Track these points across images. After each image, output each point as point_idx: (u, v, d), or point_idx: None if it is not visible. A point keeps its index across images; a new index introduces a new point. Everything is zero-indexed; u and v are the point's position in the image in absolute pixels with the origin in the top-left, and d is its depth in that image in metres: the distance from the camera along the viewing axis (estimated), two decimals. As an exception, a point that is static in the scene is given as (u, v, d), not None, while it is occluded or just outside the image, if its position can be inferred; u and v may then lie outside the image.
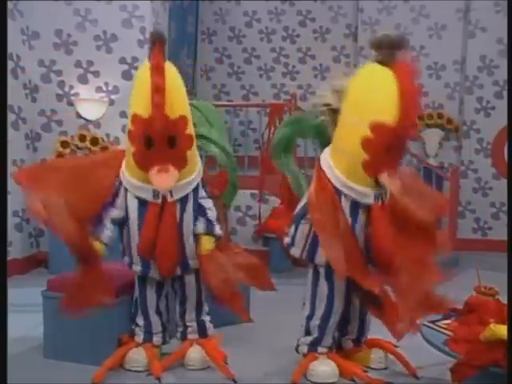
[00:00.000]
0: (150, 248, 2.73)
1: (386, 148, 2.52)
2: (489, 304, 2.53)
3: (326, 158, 2.72)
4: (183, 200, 2.78)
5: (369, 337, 3.02)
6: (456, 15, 6.46)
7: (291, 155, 3.11)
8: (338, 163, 2.66)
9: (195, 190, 2.83)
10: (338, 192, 2.65)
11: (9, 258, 4.50)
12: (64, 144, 5.03)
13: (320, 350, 2.83)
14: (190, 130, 2.69)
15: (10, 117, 4.83)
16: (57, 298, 2.78)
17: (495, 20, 6.35)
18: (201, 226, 2.82)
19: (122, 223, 2.82)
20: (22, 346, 3.14)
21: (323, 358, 2.82)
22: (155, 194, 2.70)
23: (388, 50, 2.49)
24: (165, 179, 2.61)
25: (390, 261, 2.65)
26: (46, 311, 3.06)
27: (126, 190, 2.77)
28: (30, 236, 5.20)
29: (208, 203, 2.88)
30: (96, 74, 5.18)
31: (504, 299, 2.52)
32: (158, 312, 3.00)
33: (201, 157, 2.98)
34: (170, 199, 2.72)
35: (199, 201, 2.85)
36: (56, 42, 5.16)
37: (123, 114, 5.17)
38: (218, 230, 2.85)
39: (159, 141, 2.57)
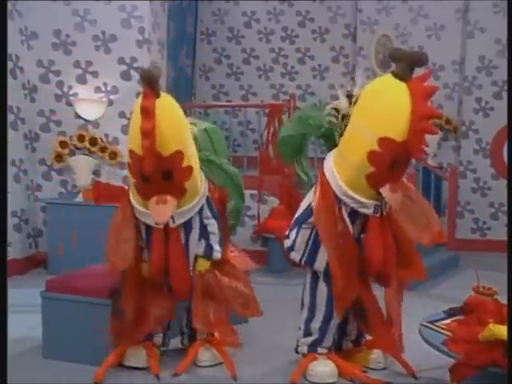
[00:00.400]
0: (160, 271, 2.78)
1: (391, 163, 2.51)
2: (488, 304, 2.53)
3: (330, 164, 2.71)
4: (187, 224, 2.83)
5: (368, 337, 3.02)
6: (455, 15, 6.46)
7: (305, 156, 3.03)
8: (341, 171, 2.65)
9: (200, 211, 2.87)
10: (338, 199, 2.66)
11: (8, 259, 4.49)
12: (63, 144, 5.03)
13: (320, 350, 2.83)
14: (188, 161, 2.66)
15: (9, 117, 4.83)
16: (55, 299, 2.78)
17: (494, 20, 6.35)
18: (200, 249, 2.88)
19: None
20: (21, 346, 3.14)
21: (323, 358, 2.81)
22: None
23: (407, 65, 2.43)
24: (162, 212, 2.63)
25: (378, 272, 2.69)
26: (45, 312, 3.06)
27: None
28: (28, 236, 5.19)
29: (212, 226, 2.92)
30: (95, 74, 5.17)
31: (503, 299, 2.53)
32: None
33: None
34: (172, 225, 2.76)
35: (204, 222, 2.90)
36: (55, 42, 5.16)
37: (122, 115, 5.17)
38: (216, 254, 2.90)
39: (153, 177, 2.59)
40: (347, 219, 2.66)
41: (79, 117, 5.12)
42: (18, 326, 3.21)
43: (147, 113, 2.45)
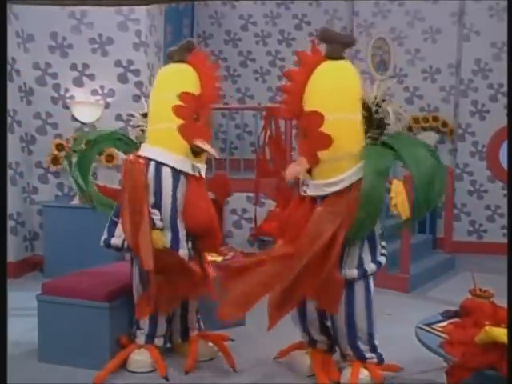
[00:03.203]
0: (208, 220, 2.89)
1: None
2: (484, 306, 2.53)
3: None
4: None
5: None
6: (451, 19, 6.48)
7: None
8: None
9: None
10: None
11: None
12: (59, 147, 5.02)
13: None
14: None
15: (5, 120, 4.83)
16: (51, 302, 2.77)
17: (489, 24, 6.37)
18: None
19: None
20: (17, 349, 3.13)
21: (305, 352, 2.94)
22: (194, 168, 2.89)
23: (340, 46, 2.77)
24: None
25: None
26: (41, 315, 3.05)
27: (157, 166, 2.83)
28: (24, 239, 5.18)
29: None
30: (91, 76, 5.17)
31: (499, 302, 2.53)
32: (168, 318, 3.04)
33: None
34: (203, 175, 2.95)
35: None
36: (51, 45, 5.16)
37: (119, 117, 5.17)
38: None
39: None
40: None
41: (76, 119, 5.12)
42: (14, 329, 3.19)
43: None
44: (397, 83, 6.59)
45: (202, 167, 2.98)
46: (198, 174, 2.92)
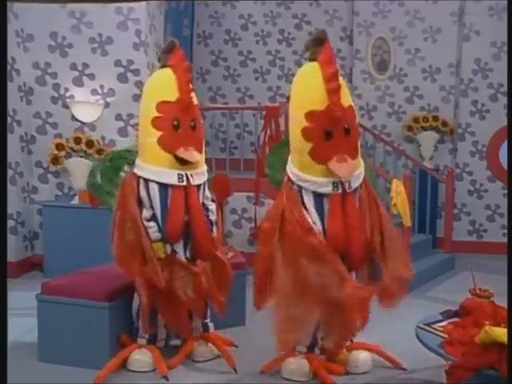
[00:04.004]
0: (179, 229, 2.85)
1: (324, 132, 2.68)
2: (484, 306, 2.53)
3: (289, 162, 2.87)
4: (199, 188, 2.98)
5: (354, 341, 3.02)
6: (451, 19, 6.48)
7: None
8: (293, 160, 2.81)
9: (204, 186, 3.03)
10: (300, 189, 2.74)
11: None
12: (59, 146, 5.02)
13: (298, 347, 2.88)
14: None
15: (5, 119, 4.83)
16: (51, 302, 2.77)
17: (489, 23, 6.37)
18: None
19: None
20: (17, 349, 3.13)
21: (300, 357, 2.87)
22: (180, 177, 2.85)
23: (314, 48, 2.80)
24: (193, 155, 2.87)
25: (340, 252, 2.70)
26: (41, 315, 3.05)
27: (145, 182, 2.87)
28: (24, 239, 5.18)
29: (212, 206, 3.10)
30: (91, 76, 5.16)
31: (499, 301, 2.53)
32: (166, 326, 3.05)
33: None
34: (193, 183, 2.89)
35: (204, 201, 3.03)
36: (51, 45, 5.15)
37: (119, 117, 5.17)
38: (214, 233, 3.06)
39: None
40: (312, 205, 2.71)
41: (76, 119, 5.11)
42: (14, 329, 3.18)
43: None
44: (397, 83, 6.60)
45: (195, 172, 2.93)
46: (184, 183, 2.87)
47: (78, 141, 5.00)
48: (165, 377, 2.83)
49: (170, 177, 2.85)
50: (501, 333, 2.13)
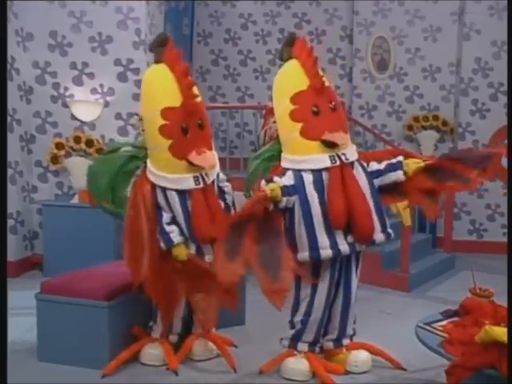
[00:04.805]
0: (208, 234, 2.83)
1: (311, 112, 2.78)
2: (484, 306, 2.53)
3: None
4: (213, 182, 2.98)
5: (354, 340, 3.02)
6: (451, 18, 6.47)
7: None
8: (285, 146, 2.89)
9: (217, 174, 3.05)
10: (299, 173, 2.75)
11: (3, 261, 4.47)
12: (59, 146, 5.01)
13: (300, 346, 2.88)
14: None
15: (5, 118, 4.82)
16: (51, 301, 2.77)
17: (490, 22, 6.37)
18: None
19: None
20: (16, 349, 3.13)
21: (300, 356, 2.87)
22: (196, 179, 2.83)
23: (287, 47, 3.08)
24: (206, 158, 2.84)
25: (343, 225, 2.69)
26: (40, 314, 3.04)
27: (163, 190, 2.84)
28: (24, 238, 5.18)
29: (228, 187, 3.13)
30: (91, 75, 5.16)
31: (499, 301, 2.53)
32: (184, 318, 3.07)
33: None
34: (208, 181, 2.88)
35: (220, 184, 3.05)
36: (51, 44, 5.15)
37: (118, 116, 5.17)
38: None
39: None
40: (312, 187, 2.71)
41: (75, 118, 5.11)
42: (13, 329, 3.17)
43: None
44: (397, 82, 6.60)
45: (210, 172, 2.92)
46: (201, 185, 2.84)
47: (77, 140, 4.99)
48: (175, 371, 2.86)
49: (187, 182, 2.82)
50: (501, 332, 2.13)
